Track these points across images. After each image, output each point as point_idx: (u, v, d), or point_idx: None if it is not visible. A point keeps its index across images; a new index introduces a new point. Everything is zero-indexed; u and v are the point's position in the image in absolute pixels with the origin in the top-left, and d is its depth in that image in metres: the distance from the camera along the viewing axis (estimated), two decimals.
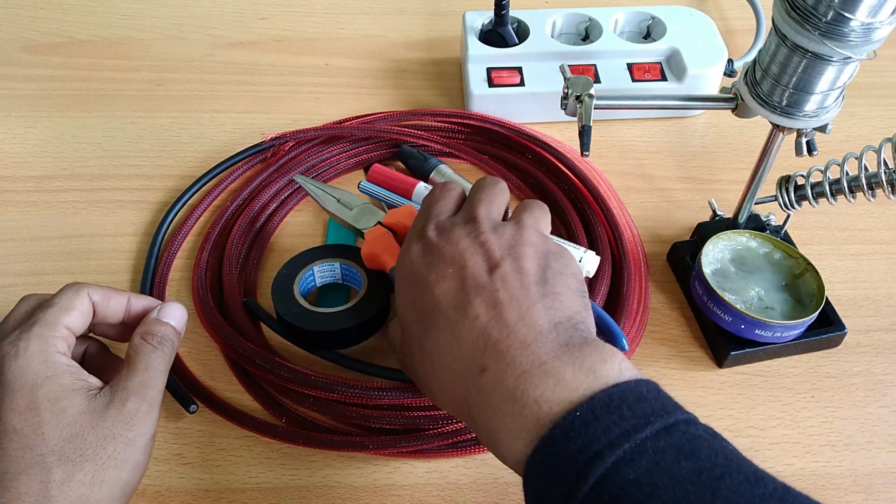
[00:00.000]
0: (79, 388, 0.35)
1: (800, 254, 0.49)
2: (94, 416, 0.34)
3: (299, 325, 0.45)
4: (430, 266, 0.37)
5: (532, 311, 0.33)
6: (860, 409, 0.47)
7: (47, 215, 0.57)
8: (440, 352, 0.35)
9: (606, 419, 0.28)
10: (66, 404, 0.34)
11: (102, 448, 0.34)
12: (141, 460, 0.35)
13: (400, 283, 0.39)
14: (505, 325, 0.33)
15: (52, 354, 0.35)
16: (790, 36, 0.39)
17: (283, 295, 0.46)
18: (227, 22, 0.75)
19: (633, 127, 0.65)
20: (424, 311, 0.36)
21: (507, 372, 0.32)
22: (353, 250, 0.49)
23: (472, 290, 0.35)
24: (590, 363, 0.31)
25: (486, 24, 0.66)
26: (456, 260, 0.36)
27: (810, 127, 0.44)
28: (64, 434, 0.33)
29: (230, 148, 0.61)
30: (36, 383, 0.34)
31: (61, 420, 0.33)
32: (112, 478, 0.34)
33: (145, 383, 0.36)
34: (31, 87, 0.68)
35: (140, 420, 0.35)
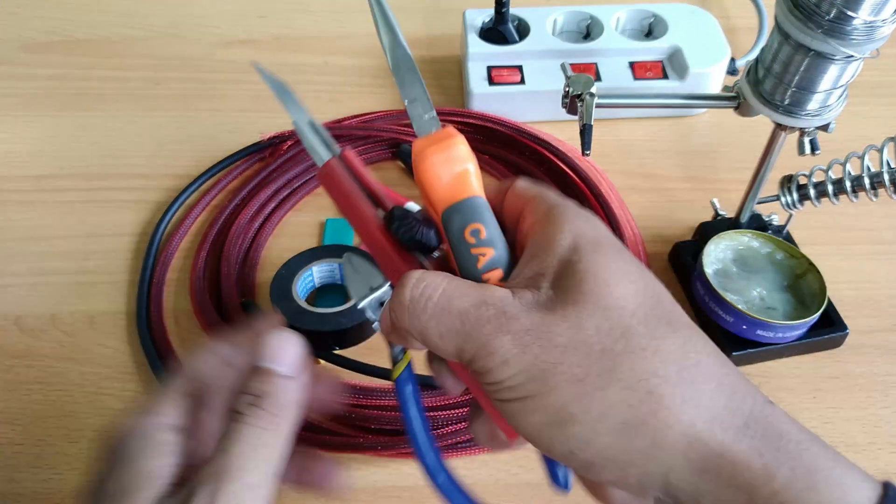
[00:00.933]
0: None
1: (802, 254, 0.49)
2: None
3: (298, 326, 0.45)
4: None
5: None
6: (862, 409, 0.47)
7: (45, 215, 0.57)
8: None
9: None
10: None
11: None
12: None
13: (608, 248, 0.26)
14: None
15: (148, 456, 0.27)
16: (793, 34, 0.39)
17: (281, 295, 0.46)
18: (226, 21, 0.75)
19: (634, 126, 0.65)
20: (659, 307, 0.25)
21: None
22: (351, 250, 0.49)
23: None
24: None
25: (487, 22, 0.66)
26: None
27: (813, 126, 0.43)
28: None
29: (229, 147, 0.61)
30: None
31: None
32: None
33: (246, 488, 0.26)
34: (29, 87, 0.67)
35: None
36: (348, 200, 0.29)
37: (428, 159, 0.26)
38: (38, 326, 0.50)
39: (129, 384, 0.47)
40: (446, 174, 0.26)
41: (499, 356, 0.24)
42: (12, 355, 0.49)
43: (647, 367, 0.23)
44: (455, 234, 0.26)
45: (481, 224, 0.26)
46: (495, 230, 0.27)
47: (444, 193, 0.26)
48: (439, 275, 0.26)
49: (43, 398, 0.47)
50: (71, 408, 0.46)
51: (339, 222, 0.56)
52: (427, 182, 0.26)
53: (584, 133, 0.46)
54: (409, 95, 0.27)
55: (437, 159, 0.26)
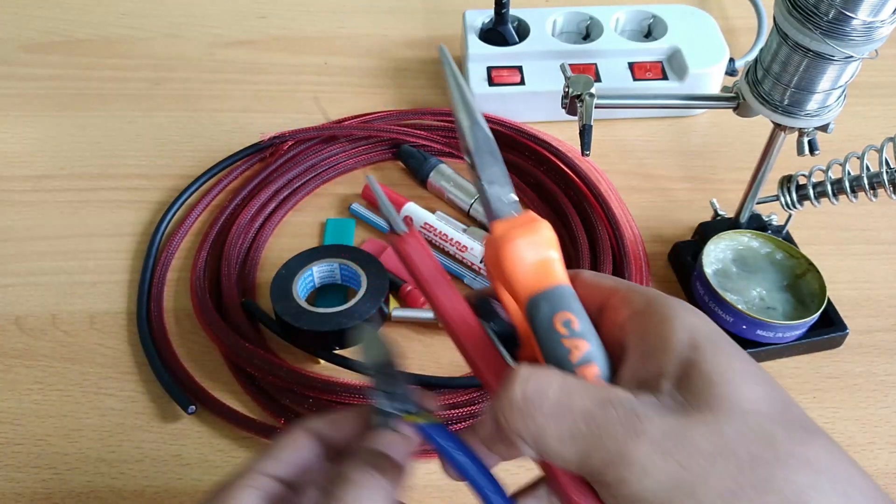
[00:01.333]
0: None
1: (801, 254, 0.49)
2: None
3: (298, 325, 0.45)
4: None
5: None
6: (862, 409, 0.47)
7: (45, 215, 0.57)
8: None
9: None
10: None
11: None
12: None
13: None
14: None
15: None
16: (792, 35, 0.39)
17: (281, 295, 0.46)
18: (226, 21, 0.75)
19: (634, 126, 0.65)
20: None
21: None
22: (351, 250, 0.49)
23: None
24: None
25: (487, 23, 0.66)
26: None
27: (812, 126, 0.43)
28: None
29: (229, 147, 0.61)
30: None
31: None
32: None
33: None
34: (29, 87, 0.67)
35: None
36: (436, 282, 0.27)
37: (512, 242, 0.24)
38: (39, 326, 0.50)
39: (129, 384, 0.47)
40: (531, 259, 0.24)
41: (637, 465, 0.21)
42: (12, 355, 0.49)
43: (802, 479, 0.21)
44: (544, 324, 0.24)
45: (573, 314, 0.24)
46: (587, 322, 0.25)
47: (530, 280, 0.24)
48: (552, 370, 0.23)
49: (43, 398, 0.47)
50: (71, 408, 0.46)
51: (339, 222, 0.56)
52: (510, 267, 0.24)
53: (583, 133, 0.46)
54: (488, 177, 0.26)
55: (522, 243, 0.24)
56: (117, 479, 0.43)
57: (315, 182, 0.59)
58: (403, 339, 0.50)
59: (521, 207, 0.26)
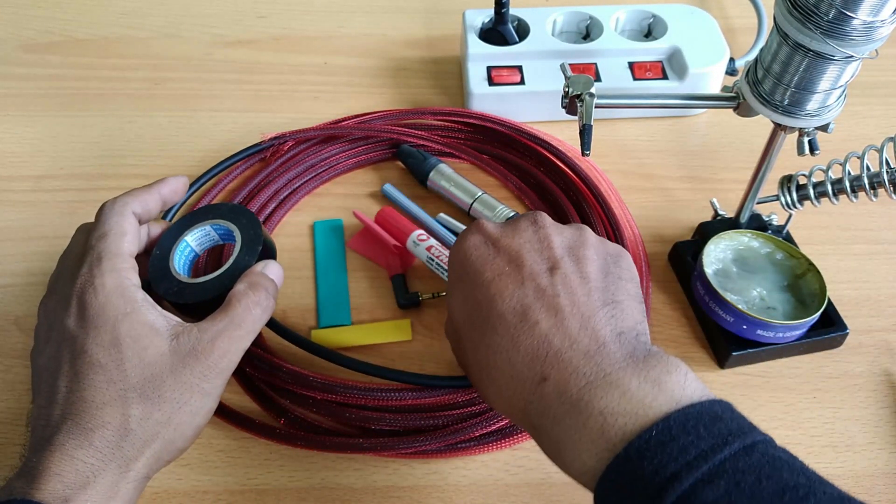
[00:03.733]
0: (159, 328, 0.35)
1: (802, 254, 0.49)
2: (175, 361, 0.34)
3: (182, 301, 0.41)
4: (485, 261, 0.35)
5: (594, 319, 0.32)
6: (862, 409, 0.47)
7: (45, 215, 0.57)
8: (497, 357, 0.33)
9: (683, 439, 0.27)
10: (147, 343, 0.34)
11: (179, 394, 0.34)
12: (212, 407, 0.36)
13: (453, 277, 0.38)
14: (567, 333, 0.32)
15: (128, 288, 0.35)
16: (792, 35, 0.39)
17: (160, 276, 0.42)
18: (226, 20, 0.75)
19: (634, 126, 0.65)
20: (479, 311, 0.35)
21: (570, 382, 0.31)
22: (219, 208, 0.45)
23: (532, 293, 0.33)
24: (655, 375, 0.30)
25: (486, 23, 0.66)
26: (514, 257, 0.35)
27: (812, 126, 0.43)
28: (144, 373, 0.34)
29: (229, 147, 0.61)
30: (117, 319, 0.34)
31: (142, 359, 0.34)
32: (186, 421, 0.35)
33: (236, 339, 0.36)
34: (28, 86, 0.67)
35: (219, 374, 0.35)
36: None
37: None
38: None
39: None
40: None
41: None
42: (12, 355, 0.49)
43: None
44: None
45: None
46: None
47: None
48: None
49: None
50: None
51: (327, 223, 0.56)
52: None
53: (583, 133, 0.46)
54: None
55: None
56: None
57: (315, 182, 0.59)
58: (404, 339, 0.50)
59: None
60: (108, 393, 0.33)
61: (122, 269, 0.36)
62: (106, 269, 0.35)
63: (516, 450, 0.45)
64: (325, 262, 0.54)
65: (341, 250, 0.54)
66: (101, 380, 0.33)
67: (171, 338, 0.35)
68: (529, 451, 0.45)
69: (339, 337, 0.49)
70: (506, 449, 0.45)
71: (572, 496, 0.43)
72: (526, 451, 0.45)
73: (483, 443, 0.44)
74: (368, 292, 0.53)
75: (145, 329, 0.34)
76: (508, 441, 0.45)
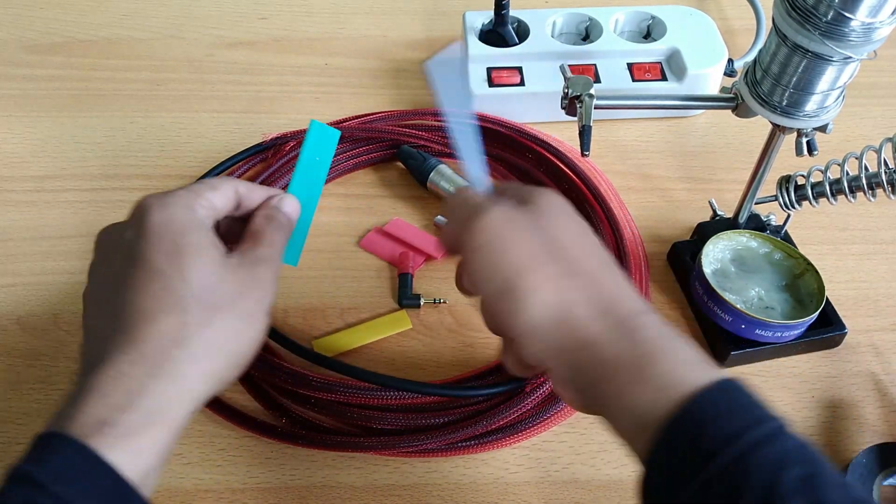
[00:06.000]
0: (217, 245, 0.35)
1: (800, 254, 0.49)
2: (230, 271, 0.35)
3: None
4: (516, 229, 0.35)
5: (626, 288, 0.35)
6: (860, 409, 0.47)
7: (47, 215, 0.57)
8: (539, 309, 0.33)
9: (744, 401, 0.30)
10: (208, 255, 0.34)
11: (236, 301, 0.34)
12: (267, 323, 0.36)
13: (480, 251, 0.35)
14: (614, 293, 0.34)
15: (195, 211, 0.35)
16: (790, 36, 0.39)
17: None
18: (227, 22, 0.75)
19: (633, 127, 0.65)
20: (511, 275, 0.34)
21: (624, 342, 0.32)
22: None
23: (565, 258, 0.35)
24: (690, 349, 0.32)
25: (487, 24, 0.66)
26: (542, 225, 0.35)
27: (810, 127, 0.44)
28: (204, 281, 0.33)
29: (230, 148, 0.61)
30: (182, 231, 0.34)
31: (203, 267, 0.34)
32: (239, 330, 0.34)
33: (270, 257, 0.37)
34: (31, 87, 0.68)
35: (268, 285, 0.36)
36: None
37: None
38: (40, 326, 0.50)
39: None
40: None
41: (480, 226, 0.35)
42: (14, 354, 0.49)
43: None
44: None
45: None
46: None
47: None
48: None
49: (44, 397, 0.47)
50: None
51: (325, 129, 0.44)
52: None
53: (583, 134, 0.46)
54: None
55: None
56: None
57: None
58: (405, 339, 0.50)
59: None
60: (167, 301, 0.32)
61: (194, 200, 0.36)
62: (178, 194, 0.36)
63: (516, 449, 0.45)
64: (303, 178, 0.43)
65: (324, 169, 0.44)
66: (159, 288, 0.33)
67: (223, 254, 0.35)
68: (529, 450, 0.45)
69: (341, 341, 0.49)
70: (505, 448, 0.45)
71: (572, 495, 0.43)
72: (526, 451, 0.45)
73: (483, 442, 0.44)
74: (370, 292, 0.53)
75: (207, 243, 0.35)
76: (508, 440, 0.45)
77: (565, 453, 0.45)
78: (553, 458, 0.45)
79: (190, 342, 0.32)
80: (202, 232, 0.35)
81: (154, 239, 0.34)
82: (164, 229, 0.34)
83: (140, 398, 0.30)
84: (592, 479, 0.44)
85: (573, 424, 0.46)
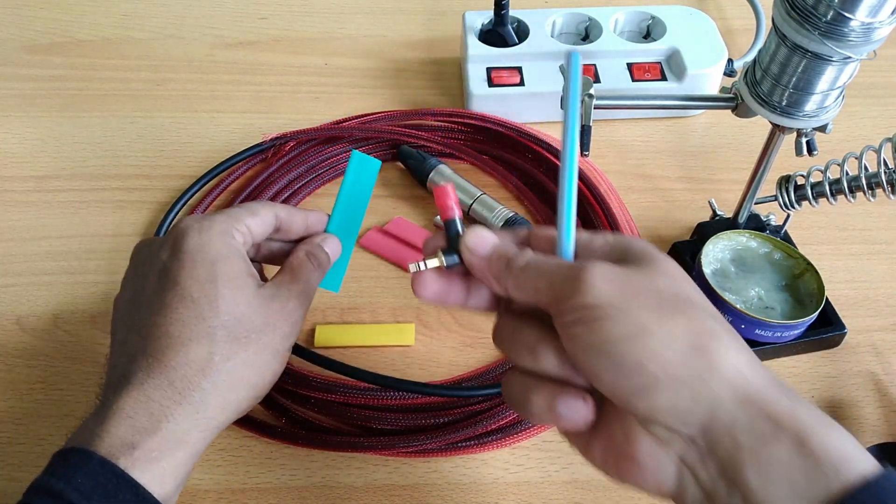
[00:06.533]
0: (251, 274, 0.36)
1: (800, 254, 0.49)
2: (263, 303, 0.35)
3: None
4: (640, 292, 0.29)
5: None
6: (860, 409, 0.47)
7: (47, 215, 0.57)
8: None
9: None
10: (241, 285, 0.35)
11: (265, 334, 0.34)
12: (283, 363, 0.36)
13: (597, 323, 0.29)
14: None
15: (231, 238, 0.36)
16: (790, 36, 0.39)
17: None
18: (227, 22, 0.75)
19: (633, 127, 0.65)
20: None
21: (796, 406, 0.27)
22: None
23: None
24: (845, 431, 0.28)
25: (486, 24, 0.66)
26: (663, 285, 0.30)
27: (810, 127, 0.44)
28: (234, 311, 0.34)
29: (230, 148, 0.61)
30: (216, 258, 0.34)
31: (235, 298, 0.34)
32: (263, 363, 0.35)
33: (303, 294, 0.37)
34: (30, 87, 0.68)
35: (296, 321, 0.36)
36: None
37: None
38: (40, 326, 0.51)
39: None
40: None
41: (587, 283, 0.28)
42: (14, 355, 0.49)
43: (705, 315, 0.28)
44: None
45: None
46: None
47: None
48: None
49: (44, 397, 0.47)
50: (72, 407, 0.46)
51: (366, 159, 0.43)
52: None
53: (583, 134, 0.46)
54: None
55: None
56: None
57: (316, 183, 0.59)
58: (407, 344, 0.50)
59: None
60: (196, 329, 0.33)
61: (232, 227, 0.36)
62: (216, 220, 0.36)
63: (516, 449, 0.45)
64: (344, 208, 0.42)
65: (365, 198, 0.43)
66: (189, 315, 0.33)
67: (257, 285, 0.36)
68: (529, 450, 0.45)
69: (342, 336, 0.50)
70: (505, 448, 0.45)
71: (572, 495, 0.44)
72: (526, 451, 0.45)
73: (483, 442, 0.44)
74: (370, 292, 0.53)
75: (241, 273, 0.35)
76: (508, 440, 0.45)
77: (565, 453, 0.45)
78: (553, 458, 0.45)
79: (215, 372, 0.33)
80: (237, 260, 0.35)
81: (188, 264, 0.34)
82: (200, 255, 0.34)
83: (165, 423, 0.31)
84: (592, 478, 0.44)
85: None
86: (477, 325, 0.51)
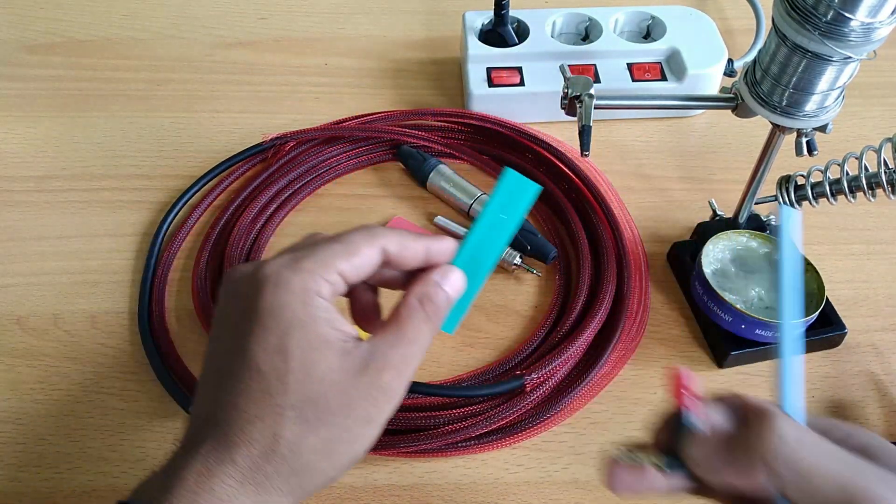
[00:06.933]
0: (333, 341, 0.30)
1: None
2: (344, 379, 0.30)
3: None
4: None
5: None
6: (860, 409, 0.47)
7: (47, 215, 0.57)
8: None
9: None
10: (318, 357, 0.30)
11: (343, 418, 0.30)
12: (375, 436, 0.31)
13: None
14: None
15: (312, 297, 0.30)
16: (790, 36, 0.39)
17: None
18: (227, 22, 0.75)
19: (633, 127, 0.65)
20: None
21: None
22: None
23: None
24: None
25: (486, 24, 0.66)
26: None
27: (810, 127, 0.44)
28: (307, 391, 0.29)
29: (230, 148, 0.61)
30: (291, 326, 0.30)
31: (309, 374, 0.29)
32: (342, 451, 0.31)
33: (408, 358, 0.31)
34: (31, 87, 0.68)
35: (389, 399, 0.31)
36: None
37: None
38: (41, 326, 0.51)
39: (131, 384, 0.48)
40: None
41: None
42: (14, 355, 0.49)
43: None
44: None
45: None
46: None
47: None
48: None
49: (45, 397, 0.47)
50: (73, 407, 0.47)
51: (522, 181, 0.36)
52: None
53: (582, 134, 0.46)
54: None
55: None
56: (119, 479, 0.44)
57: (316, 183, 0.59)
58: None
59: None
60: (262, 405, 0.29)
61: (318, 278, 0.31)
62: (299, 269, 0.31)
63: (516, 449, 0.45)
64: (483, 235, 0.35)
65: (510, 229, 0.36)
66: (256, 388, 0.29)
67: (342, 353, 0.30)
68: (529, 450, 0.45)
69: None
70: (505, 448, 0.45)
71: (572, 495, 0.44)
72: (526, 451, 0.45)
73: (483, 442, 0.44)
74: None
75: (318, 341, 0.30)
76: (508, 440, 0.45)
77: (565, 453, 0.45)
78: (553, 458, 0.45)
79: (281, 458, 0.29)
80: (317, 326, 0.30)
81: (258, 330, 0.30)
82: (272, 321, 0.30)
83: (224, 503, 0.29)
84: (592, 478, 0.44)
85: (573, 424, 0.46)
86: (477, 325, 0.51)
